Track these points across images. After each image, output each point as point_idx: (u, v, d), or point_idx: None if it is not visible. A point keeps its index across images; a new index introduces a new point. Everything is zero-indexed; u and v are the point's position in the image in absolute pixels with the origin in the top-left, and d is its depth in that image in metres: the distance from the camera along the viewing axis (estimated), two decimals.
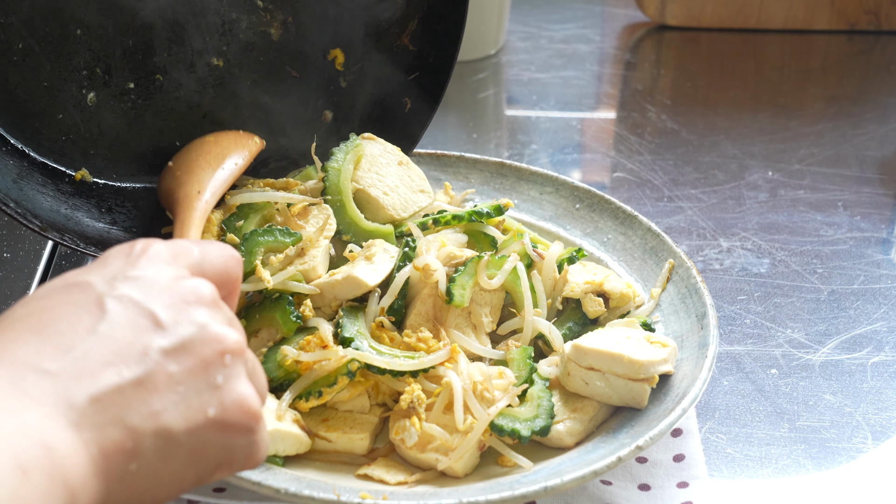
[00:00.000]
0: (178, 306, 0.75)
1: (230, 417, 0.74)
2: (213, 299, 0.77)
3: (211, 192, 1.12)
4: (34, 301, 0.74)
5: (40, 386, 0.67)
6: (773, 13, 1.96)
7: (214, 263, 0.82)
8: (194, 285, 0.77)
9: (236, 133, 1.21)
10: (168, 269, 0.77)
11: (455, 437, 1.03)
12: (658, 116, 1.74)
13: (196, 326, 0.74)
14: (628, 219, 1.29)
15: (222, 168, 1.15)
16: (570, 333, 1.16)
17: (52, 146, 1.20)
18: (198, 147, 1.18)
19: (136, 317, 0.73)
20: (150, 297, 0.74)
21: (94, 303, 0.73)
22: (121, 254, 0.78)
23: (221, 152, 1.17)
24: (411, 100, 1.31)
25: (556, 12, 2.09)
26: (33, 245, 1.37)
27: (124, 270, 0.76)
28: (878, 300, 1.35)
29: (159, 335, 0.73)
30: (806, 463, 1.12)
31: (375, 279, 1.13)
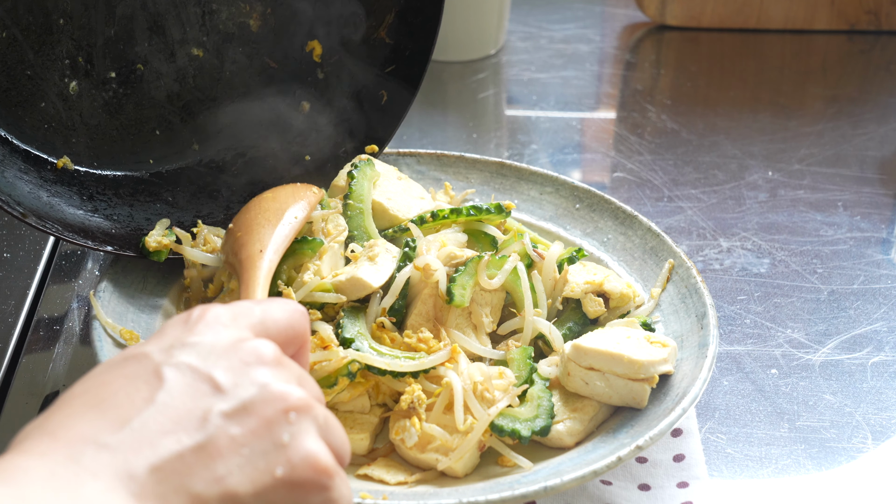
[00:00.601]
0: (238, 368, 0.73)
1: (299, 476, 0.71)
2: (275, 358, 0.75)
3: (273, 249, 1.09)
4: (92, 377, 0.72)
5: (99, 459, 0.66)
6: (773, 13, 1.96)
7: (278, 320, 0.80)
8: (254, 346, 0.75)
9: (294, 186, 1.20)
10: (227, 332, 0.75)
11: (455, 438, 1.03)
12: (658, 116, 1.74)
13: (257, 387, 0.72)
14: (628, 219, 1.29)
15: (282, 223, 1.12)
16: (570, 333, 1.16)
17: (34, 134, 1.21)
18: (256, 205, 1.16)
19: (195, 382, 0.71)
20: (209, 362, 0.73)
21: (151, 373, 0.71)
22: (179, 322, 0.77)
23: (280, 207, 1.15)
24: (388, 92, 1.31)
25: (556, 12, 2.09)
26: (33, 245, 1.37)
27: (182, 338, 0.74)
28: (878, 300, 1.35)
29: (219, 399, 0.71)
30: (806, 463, 1.12)
31: (379, 280, 1.13)
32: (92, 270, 1.35)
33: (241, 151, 1.31)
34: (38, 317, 1.27)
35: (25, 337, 1.24)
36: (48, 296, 1.30)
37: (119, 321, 1.13)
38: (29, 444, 0.67)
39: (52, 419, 0.69)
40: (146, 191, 1.26)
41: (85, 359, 1.22)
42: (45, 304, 1.29)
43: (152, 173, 1.28)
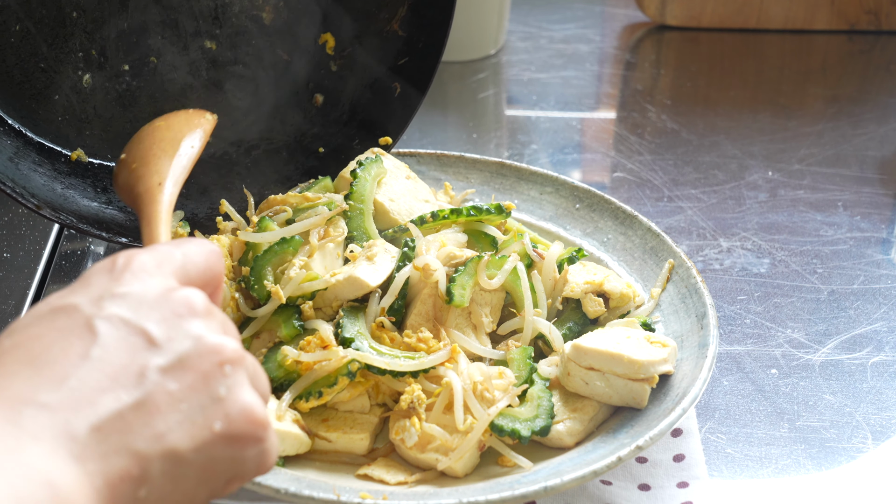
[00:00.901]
0: (171, 321, 0.72)
1: (237, 429, 0.71)
2: (205, 308, 0.74)
3: (172, 181, 1.05)
4: (20, 330, 0.71)
5: (38, 420, 0.65)
6: (773, 13, 1.96)
7: (197, 263, 0.79)
8: (185, 296, 0.74)
9: (186, 112, 1.16)
10: (154, 280, 0.74)
11: (455, 437, 1.03)
12: (658, 116, 1.74)
13: (191, 340, 0.72)
14: (628, 219, 1.29)
15: (179, 154, 1.08)
16: (570, 333, 1.16)
17: (48, 126, 1.21)
18: (149, 135, 1.11)
19: (129, 336, 0.70)
20: (141, 314, 0.71)
21: (83, 326, 0.70)
22: (103, 270, 0.75)
23: (175, 136, 1.11)
24: (401, 85, 1.31)
25: (556, 12, 2.09)
26: (33, 245, 1.37)
27: (110, 288, 0.73)
28: (878, 300, 1.35)
29: (155, 353, 0.70)
30: (806, 463, 1.12)
31: (377, 279, 1.13)
32: None
33: (254, 143, 1.32)
34: None
35: None
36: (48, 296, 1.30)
37: None
38: None
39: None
40: None
41: None
42: None
43: None
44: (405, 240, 1.18)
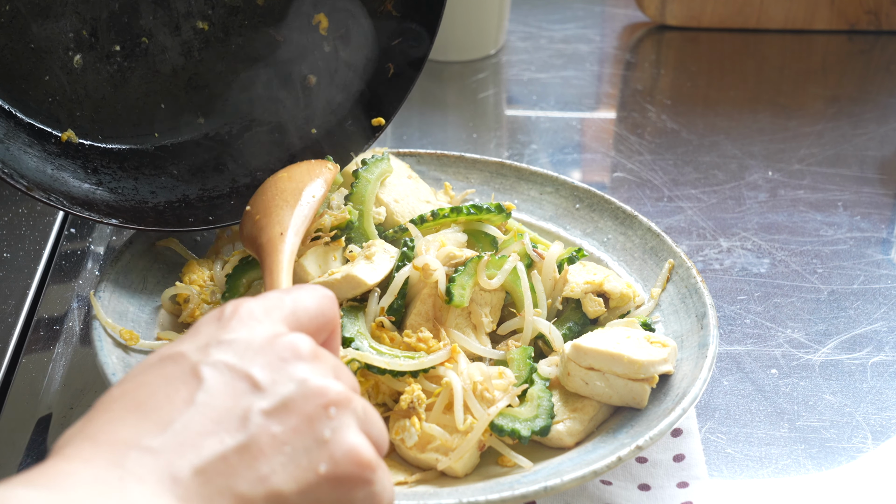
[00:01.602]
0: (276, 365, 0.72)
1: (343, 471, 0.71)
2: (311, 352, 0.74)
3: (294, 230, 1.07)
4: (130, 379, 0.72)
5: (142, 463, 0.66)
6: (773, 13, 1.96)
7: (308, 308, 0.79)
8: (290, 341, 0.74)
9: (308, 163, 1.18)
10: (262, 327, 0.75)
11: (455, 437, 1.03)
12: (658, 116, 1.74)
13: (295, 383, 0.72)
14: (628, 219, 1.29)
15: (300, 204, 1.11)
16: (570, 333, 1.16)
17: (38, 107, 1.21)
18: (272, 186, 1.14)
19: (234, 381, 0.71)
20: (246, 359, 0.72)
21: (189, 372, 0.71)
22: (212, 319, 0.76)
23: (297, 187, 1.13)
24: (394, 65, 1.31)
25: (556, 12, 2.09)
26: (33, 245, 1.37)
27: (217, 335, 0.74)
28: (878, 300, 1.35)
29: (258, 397, 0.70)
30: (806, 463, 1.12)
31: (374, 278, 1.13)
32: (92, 270, 1.35)
33: (246, 125, 1.32)
34: (38, 317, 1.27)
35: (25, 337, 1.24)
36: (48, 296, 1.30)
37: (119, 321, 1.13)
38: (71, 449, 0.66)
39: (93, 424, 0.68)
40: (151, 164, 1.26)
41: (85, 359, 1.22)
42: (45, 304, 1.29)
43: (157, 147, 1.28)
44: (405, 239, 1.18)
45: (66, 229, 1.41)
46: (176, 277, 1.21)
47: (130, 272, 1.19)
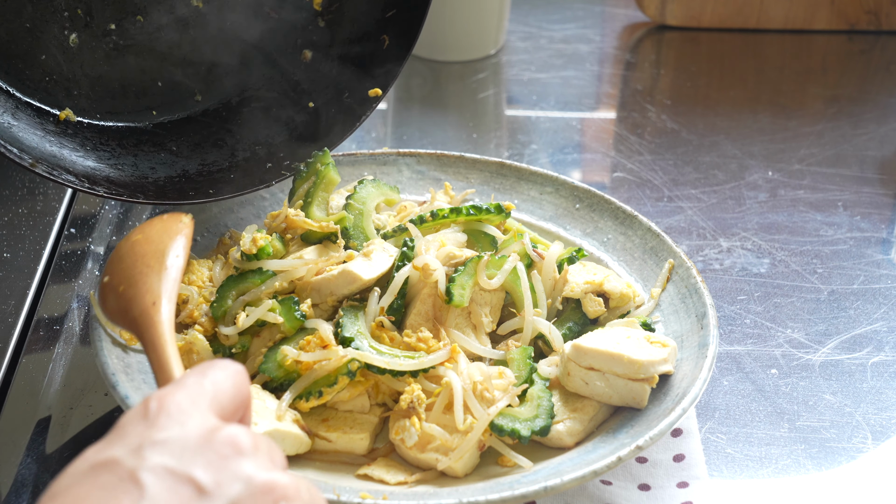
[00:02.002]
0: (217, 464, 0.69)
1: None
2: (251, 445, 0.71)
3: (167, 298, 0.97)
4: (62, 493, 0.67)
5: None
6: (773, 13, 1.96)
7: (226, 390, 0.76)
8: (228, 436, 0.71)
9: (161, 220, 1.08)
10: (193, 421, 0.71)
11: (455, 437, 1.03)
12: (658, 116, 1.74)
13: (241, 482, 0.68)
14: (628, 219, 1.29)
15: (166, 268, 1.00)
16: (570, 333, 1.16)
17: (35, 86, 1.21)
18: (129, 252, 1.03)
19: (177, 487, 0.67)
20: (185, 461, 0.68)
21: (128, 481, 0.66)
22: (137, 417, 0.71)
23: (157, 249, 1.02)
24: (389, 37, 1.31)
25: (556, 12, 2.09)
26: (33, 245, 1.37)
27: (148, 435, 0.69)
28: (878, 300, 1.35)
29: (205, 502, 0.67)
30: (806, 463, 1.12)
31: (371, 273, 1.13)
32: (92, 270, 1.35)
33: (244, 100, 1.32)
34: (38, 317, 1.27)
35: (25, 337, 1.24)
36: (48, 296, 1.30)
37: None
38: None
39: None
40: (150, 141, 1.26)
41: (85, 359, 1.22)
42: (45, 304, 1.29)
43: (155, 124, 1.28)
44: (405, 239, 1.18)
45: (66, 229, 1.41)
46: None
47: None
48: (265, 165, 1.26)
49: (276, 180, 1.25)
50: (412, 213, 1.27)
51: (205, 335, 1.13)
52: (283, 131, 1.30)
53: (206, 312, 1.15)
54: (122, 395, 1.02)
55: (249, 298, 1.13)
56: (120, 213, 1.45)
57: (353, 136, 1.65)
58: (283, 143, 1.29)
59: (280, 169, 1.26)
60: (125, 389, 1.03)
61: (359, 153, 1.38)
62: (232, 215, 1.30)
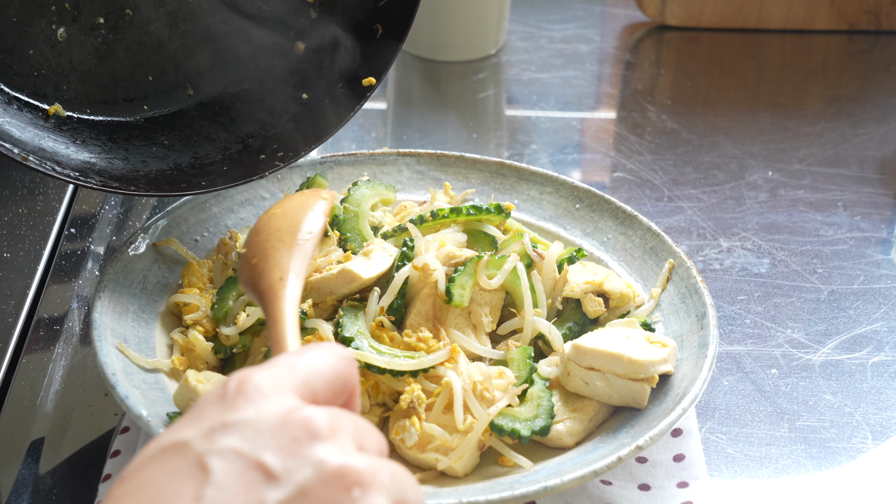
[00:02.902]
0: (289, 448, 0.66)
1: None
2: (328, 427, 0.68)
3: (294, 273, 0.98)
4: (131, 476, 0.66)
5: None
6: (773, 13, 1.96)
7: (323, 374, 0.73)
8: (303, 418, 0.68)
9: (302, 195, 1.11)
10: (270, 403, 0.68)
11: (455, 437, 1.03)
12: (658, 116, 1.74)
13: (312, 467, 0.65)
14: (628, 219, 1.29)
15: (299, 243, 1.02)
16: (570, 333, 1.16)
17: (24, 82, 1.20)
18: (266, 225, 1.06)
19: (245, 471, 0.65)
20: (256, 444, 0.66)
21: (195, 465, 0.65)
22: (215, 398, 0.69)
23: (292, 224, 1.05)
24: (382, 26, 1.31)
25: (556, 12, 2.09)
26: (33, 245, 1.37)
27: (222, 417, 0.67)
28: (878, 300, 1.35)
29: (273, 487, 0.64)
30: (806, 463, 1.12)
31: (370, 273, 1.13)
32: (92, 270, 1.35)
33: (235, 94, 1.31)
34: (38, 317, 1.27)
35: (25, 337, 1.24)
36: (48, 296, 1.30)
37: (119, 321, 1.13)
38: None
39: None
40: (141, 135, 1.26)
41: (85, 359, 1.22)
42: (45, 304, 1.29)
43: (146, 118, 1.28)
44: (404, 239, 1.18)
45: (67, 229, 1.41)
46: (176, 277, 1.21)
47: (130, 272, 1.19)
48: (258, 157, 1.26)
49: (269, 171, 1.24)
50: (412, 213, 1.27)
51: (205, 336, 1.13)
52: (277, 123, 1.29)
53: (207, 313, 1.15)
54: (121, 396, 1.02)
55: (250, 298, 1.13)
56: (120, 213, 1.45)
57: (353, 136, 1.65)
58: (277, 134, 1.28)
59: (274, 160, 1.25)
60: (125, 389, 1.03)
61: (359, 153, 1.38)
62: (232, 215, 1.30)
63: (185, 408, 1.02)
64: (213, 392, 0.70)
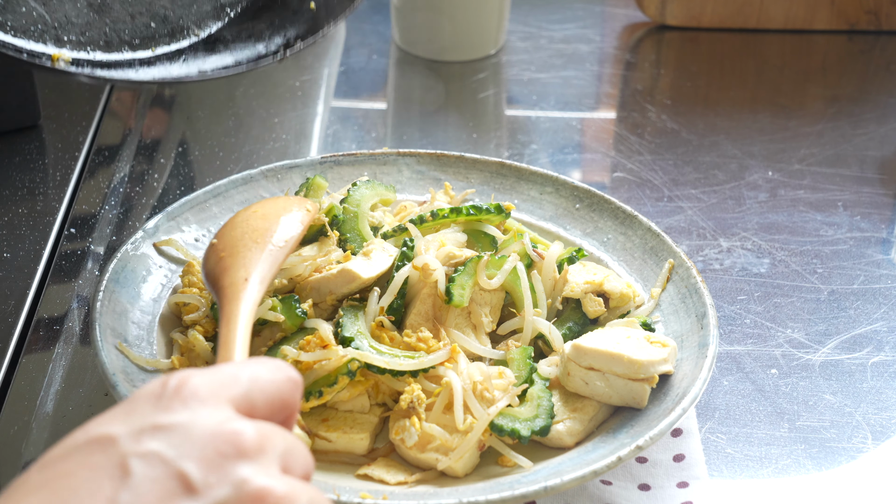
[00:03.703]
0: (213, 462, 0.64)
1: None
2: (256, 445, 0.66)
3: (259, 278, 0.96)
4: (52, 465, 0.64)
5: None
6: (773, 13, 1.96)
7: (265, 390, 0.71)
8: (234, 433, 0.66)
9: (286, 200, 1.09)
10: (205, 412, 0.66)
11: (455, 437, 1.03)
12: (658, 116, 1.74)
13: (232, 486, 0.64)
14: (628, 219, 1.29)
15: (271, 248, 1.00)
16: (570, 333, 1.16)
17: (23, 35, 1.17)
18: (243, 222, 1.04)
19: (164, 480, 0.63)
20: (181, 453, 0.64)
21: (116, 465, 0.63)
22: (151, 396, 0.67)
23: (269, 227, 1.03)
24: None
25: (556, 12, 2.09)
26: (33, 245, 1.37)
27: (154, 418, 0.66)
28: (878, 300, 1.35)
29: (189, 501, 0.63)
30: (806, 463, 1.12)
31: (370, 272, 1.13)
32: (92, 270, 1.35)
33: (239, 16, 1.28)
34: (38, 317, 1.27)
35: (25, 337, 1.24)
36: (48, 296, 1.30)
37: (119, 321, 1.13)
38: None
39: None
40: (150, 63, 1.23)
41: (85, 359, 1.22)
42: (45, 304, 1.29)
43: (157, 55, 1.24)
44: (404, 239, 1.18)
45: (67, 229, 1.41)
46: (176, 278, 1.21)
47: (130, 272, 1.19)
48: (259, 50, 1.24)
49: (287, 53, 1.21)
50: (412, 213, 1.27)
51: (205, 336, 1.13)
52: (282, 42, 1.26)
53: (207, 313, 1.15)
54: (121, 395, 1.02)
55: None
56: (120, 213, 1.45)
57: (353, 136, 1.65)
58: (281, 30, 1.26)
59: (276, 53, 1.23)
60: (125, 389, 1.03)
61: (359, 153, 1.38)
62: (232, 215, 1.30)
63: None
64: (152, 387, 0.68)
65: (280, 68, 1.80)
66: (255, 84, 1.76)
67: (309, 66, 1.82)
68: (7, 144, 1.54)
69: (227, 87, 1.75)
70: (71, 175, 1.50)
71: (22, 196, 1.45)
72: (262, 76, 1.78)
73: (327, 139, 1.66)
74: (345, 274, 1.13)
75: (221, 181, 1.32)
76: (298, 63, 1.82)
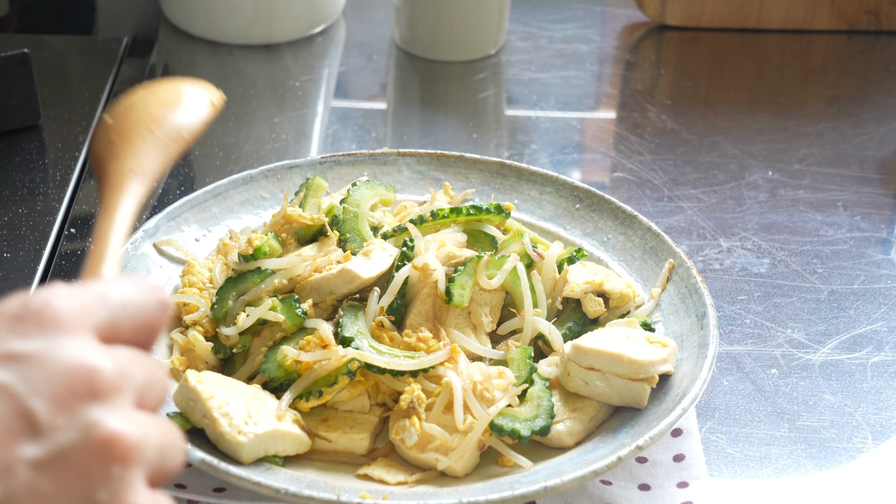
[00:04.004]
0: (63, 401, 0.59)
1: None
2: (113, 385, 0.61)
3: (149, 171, 0.87)
4: None
5: None
6: (773, 13, 1.96)
7: (133, 316, 0.67)
8: (91, 369, 0.61)
9: (191, 91, 0.98)
10: (65, 341, 0.61)
11: (455, 437, 1.03)
12: (658, 116, 1.74)
13: (79, 431, 0.59)
14: (628, 219, 1.29)
15: (166, 142, 0.91)
16: (570, 333, 1.16)
17: None
18: (142, 105, 0.93)
19: (9, 416, 0.58)
20: (31, 388, 0.59)
21: None
22: (11, 316, 0.62)
23: (168, 119, 0.93)
24: None
25: (556, 12, 2.09)
26: (33, 245, 1.37)
27: (9, 344, 0.61)
28: (878, 300, 1.35)
29: (31, 443, 0.58)
30: (806, 463, 1.12)
31: (370, 272, 1.13)
32: None
33: None
34: None
35: None
36: None
37: None
38: None
39: None
40: None
41: None
42: None
43: None
44: (404, 239, 1.18)
45: (66, 229, 1.41)
46: (176, 278, 1.21)
47: (130, 272, 1.19)
48: None
49: None
50: (412, 213, 1.27)
51: (205, 336, 1.13)
52: None
53: (207, 313, 1.15)
54: None
55: (250, 298, 1.13)
56: None
57: (353, 136, 1.65)
58: None
59: None
60: None
61: (359, 153, 1.38)
62: (232, 216, 1.30)
63: (184, 408, 1.02)
64: (11, 306, 0.63)
65: (280, 68, 1.80)
66: (255, 84, 1.76)
67: (309, 66, 1.82)
68: (7, 144, 1.53)
69: (227, 88, 1.75)
70: (71, 175, 1.50)
71: (22, 196, 1.45)
72: (263, 76, 1.78)
73: (327, 139, 1.66)
74: (345, 274, 1.13)
75: (221, 181, 1.32)
76: (298, 63, 1.82)
